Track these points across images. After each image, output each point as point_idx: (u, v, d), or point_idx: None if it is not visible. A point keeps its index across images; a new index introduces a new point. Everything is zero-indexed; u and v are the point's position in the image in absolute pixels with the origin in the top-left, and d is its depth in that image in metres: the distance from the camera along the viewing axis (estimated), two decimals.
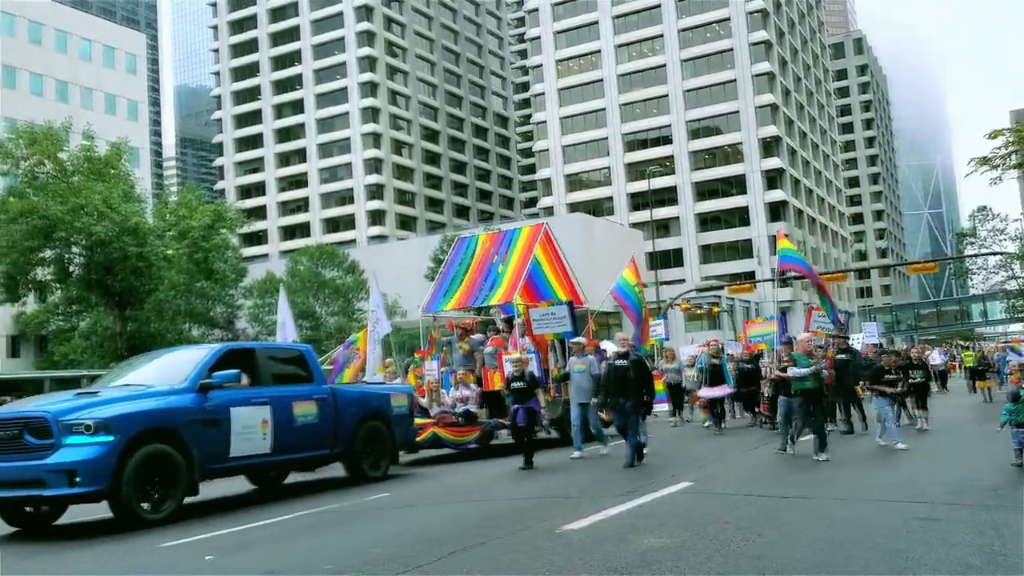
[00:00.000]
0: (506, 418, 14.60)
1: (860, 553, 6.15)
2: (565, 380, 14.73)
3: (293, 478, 13.03)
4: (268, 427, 10.21)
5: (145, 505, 8.86)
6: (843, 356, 15.54)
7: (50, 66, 61.01)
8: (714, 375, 17.89)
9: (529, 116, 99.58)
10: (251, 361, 10.63)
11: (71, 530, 9.48)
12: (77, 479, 8.34)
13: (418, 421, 14.04)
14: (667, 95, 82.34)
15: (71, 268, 37.04)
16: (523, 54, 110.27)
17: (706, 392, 18.02)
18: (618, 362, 11.97)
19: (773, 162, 79.65)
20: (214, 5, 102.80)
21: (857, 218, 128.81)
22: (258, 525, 8.84)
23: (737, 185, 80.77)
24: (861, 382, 15.10)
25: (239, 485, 12.25)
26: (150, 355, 12.49)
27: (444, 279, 18.00)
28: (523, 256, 17.29)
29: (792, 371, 12.07)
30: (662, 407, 21.38)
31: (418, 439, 13.79)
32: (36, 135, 35.57)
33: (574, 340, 14.23)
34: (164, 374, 9.95)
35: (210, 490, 11.81)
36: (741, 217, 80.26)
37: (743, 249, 78.88)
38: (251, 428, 10.03)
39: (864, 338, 25.47)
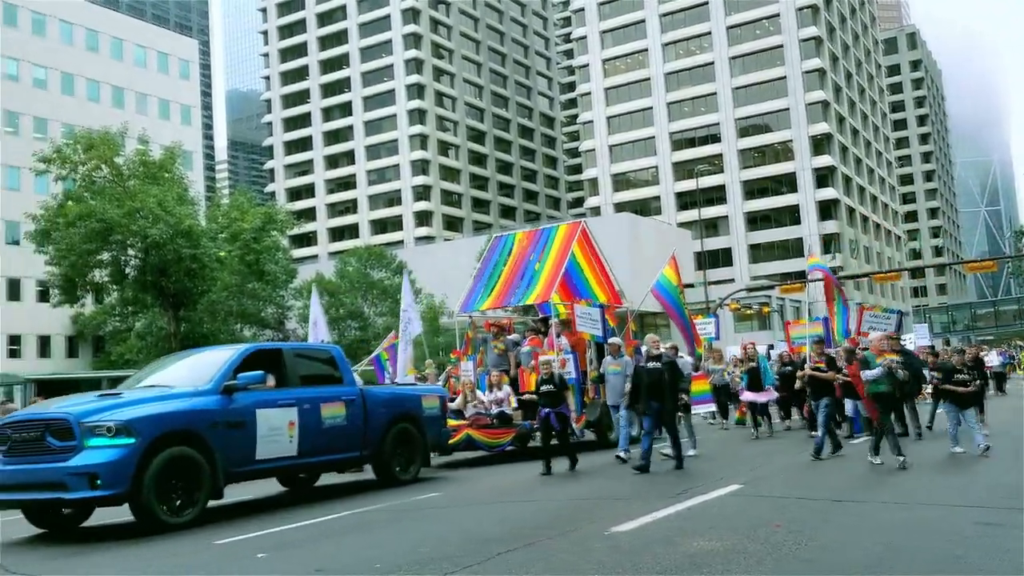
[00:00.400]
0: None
1: (916, 558, 6.02)
2: (602, 382, 14.51)
3: (337, 478, 13.09)
4: (295, 429, 10.06)
5: (166, 508, 8.69)
6: (897, 359, 15.14)
7: (106, 72, 62.44)
8: (752, 378, 17.13)
9: (575, 116, 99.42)
10: (278, 362, 10.47)
11: (125, 528, 9.68)
12: (98, 482, 8.23)
13: (452, 423, 13.88)
14: (715, 93, 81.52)
15: (127, 270, 37.85)
16: (569, 54, 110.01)
17: (748, 396, 17.37)
18: (651, 364, 11.61)
19: (824, 160, 78.38)
20: (264, 11, 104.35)
21: (911, 216, 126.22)
22: (308, 523, 8.95)
23: (787, 183, 79.65)
24: (923, 385, 14.74)
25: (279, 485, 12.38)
26: (177, 356, 12.46)
27: (480, 278, 17.68)
28: (560, 255, 16.92)
29: (866, 374, 11.37)
30: (708, 408, 20.98)
31: (451, 441, 13.62)
32: (93, 140, 36.41)
33: (611, 340, 13.95)
34: (189, 375, 9.84)
35: (255, 489, 11.99)
36: (792, 216, 79.14)
37: (794, 248, 77.71)
38: (277, 430, 9.87)
39: (916, 339, 24.93)
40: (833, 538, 6.75)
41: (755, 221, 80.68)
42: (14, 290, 55.53)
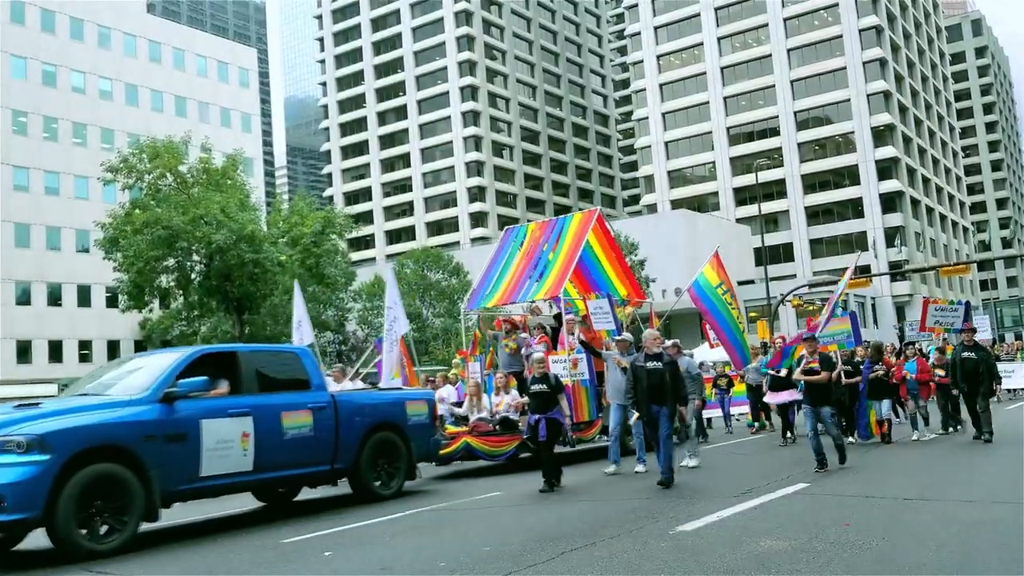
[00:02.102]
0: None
1: (990, 558, 5.84)
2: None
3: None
4: (250, 441, 9.02)
5: (87, 534, 7.69)
6: (970, 354, 13.75)
7: (169, 83, 64.04)
8: (778, 377, 15.32)
9: (630, 113, 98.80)
10: (233, 366, 9.40)
11: (192, 526, 9.88)
12: (4, 504, 7.27)
13: (451, 429, 13.28)
14: (773, 85, 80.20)
15: (192, 275, 38.74)
16: (623, 51, 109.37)
17: (771, 398, 16.00)
18: (650, 364, 10.38)
19: (887, 151, 76.57)
20: (319, 17, 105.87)
21: (978, 207, 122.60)
22: (373, 522, 9.03)
23: (849, 176, 78.00)
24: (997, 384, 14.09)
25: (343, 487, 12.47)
26: (125, 360, 11.45)
27: (489, 273, 16.45)
28: (574, 244, 15.56)
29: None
30: (742, 409, 20.41)
31: (448, 450, 12.80)
32: (158, 149, 37.38)
33: (619, 338, 12.68)
34: (129, 382, 8.93)
35: (324, 489, 12.12)
36: (854, 209, 77.48)
37: (857, 242, 76.06)
38: (228, 443, 8.85)
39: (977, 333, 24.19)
40: (905, 538, 6.58)
41: (816, 215, 79.19)
42: (84, 296, 57.31)
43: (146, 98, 62.62)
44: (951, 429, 15.43)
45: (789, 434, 15.44)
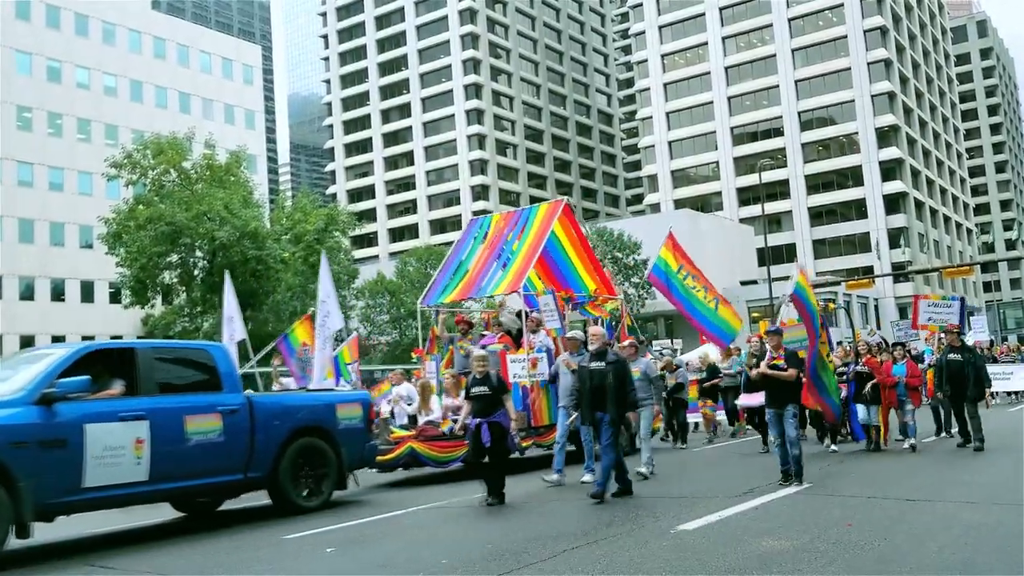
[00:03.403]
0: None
1: (993, 560, 5.84)
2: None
3: (388, 477, 12.71)
4: (145, 448, 8.15)
5: None
6: (956, 356, 13.17)
7: (173, 79, 64.10)
8: (754, 379, 14.04)
9: (634, 112, 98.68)
10: (130, 365, 8.50)
11: (194, 522, 9.89)
12: None
13: (397, 434, 12.53)
14: (777, 86, 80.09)
15: (195, 271, 38.76)
16: (627, 50, 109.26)
17: (744, 400, 15.11)
18: (593, 365, 9.43)
19: (891, 152, 76.46)
20: (324, 15, 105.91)
21: (982, 208, 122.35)
22: (373, 519, 9.05)
23: (853, 177, 77.87)
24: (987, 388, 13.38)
25: (366, 478, 12.47)
26: (9, 357, 10.69)
27: (449, 265, 15.50)
28: (539, 234, 14.50)
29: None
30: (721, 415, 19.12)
31: (392, 455, 11.89)
32: (162, 146, 37.42)
33: (568, 335, 11.56)
34: (6, 381, 8.01)
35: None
36: (858, 210, 77.35)
37: (860, 243, 76.00)
38: (117, 450, 7.95)
39: (973, 334, 23.66)
40: (907, 538, 6.58)
41: (819, 216, 79.08)
42: (87, 292, 57.41)
43: (150, 94, 62.70)
44: (943, 434, 14.99)
45: (767, 441, 14.06)
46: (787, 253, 77.87)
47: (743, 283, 61.46)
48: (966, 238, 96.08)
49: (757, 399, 13.85)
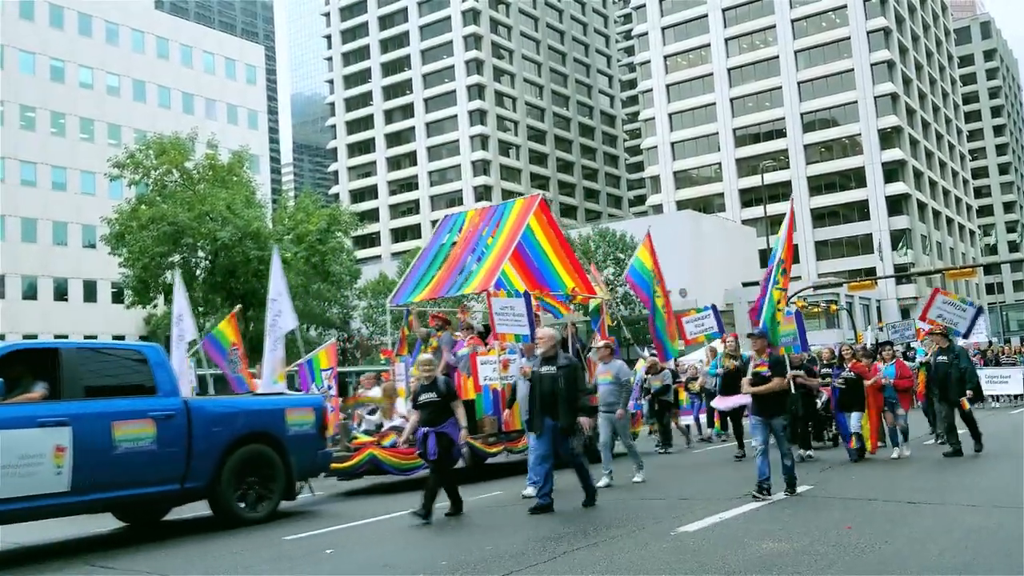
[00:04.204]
0: (479, 434, 12.26)
1: (993, 562, 5.83)
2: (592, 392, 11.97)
3: (385, 479, 12.38)
4: (66, 456, 7.62)
5: None
6: (943, 358, 12.58)
7: (176, 79, 64.19)
8: (728, 381, 13.35)
9: (637, 113, 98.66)
10: (54, 367, 7.98)
11: (192, 524, 9.90)
12: None
13: (360, 439, 11.97)
14: (780, 87, 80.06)
15: (197, 272, 38.77)
16: (630, 51, 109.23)
17: (719, 402, 14.32)
18: (544, 369, 8.88)
19: (894, 153, 76.39)
20: (327, 15, 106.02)
21: (985, 210, 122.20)
22: (375, 520, 9.05)
23: (855, 178, 77.82)
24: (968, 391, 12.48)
25: (357, 482, 12.45)
26: None
27: (420, 264, 14.82)
28: (514, 229, 13.86)
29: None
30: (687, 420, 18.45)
31: (350, 463, 11.33)
32: (164, 146, 37.42)
33: (600, 344, 11.15)
34: None
35: (323, 486, 12.10)
36: (860, 211, 77.29)
37: (862, 244, 75.93)
38: (34, 458, 7.47)
39: (972, 335, 23.00)
40: (908, 541, 6.57)
41: (822, 217, 79.03)
42: (90, 292, 57.48)
43: (153, 94, 62.77)
44: (939, 440, 13.77)
45: (742, 444, 13.52)
46: None
47: (745, 284, 61.40)
48: (969, 240, 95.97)
49: (732, 402, 13.44)
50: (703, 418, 18.27)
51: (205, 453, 8.72)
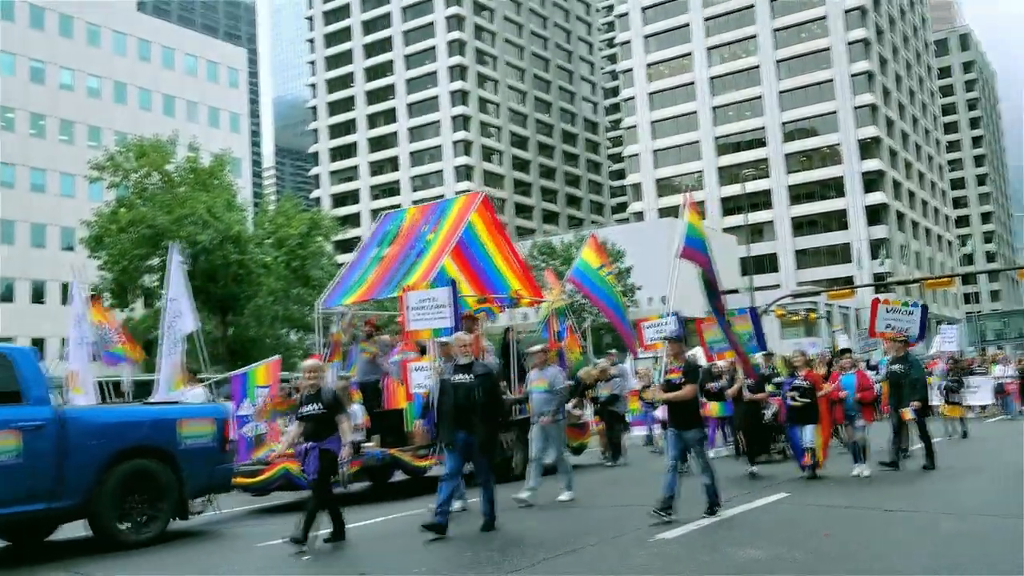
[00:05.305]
0: (409, 446, 11.44)
1: (968, 568, 5.88)
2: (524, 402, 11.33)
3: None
4: None
5: None
6: (897, 367, 12.04)
7: (158, 81, 63.78)
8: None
9: (619, 121, 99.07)
10: None
11: (170, 530, 9.82)
12: None
13: (278, 451, 10.42)
14: (761, 96, 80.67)
15: None
16: (613, 59, 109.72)
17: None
18: (457, 378, 8.16)
19: (872, 164, 77.12)
20: (310, 19, 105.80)
21: (963, 220, 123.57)
22: (353, 527, 8.98)
23: (835, 188, 78.50)
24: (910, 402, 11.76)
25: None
26: None
27: (355, 264, 14.02)
28: (455, 225, 13.09)
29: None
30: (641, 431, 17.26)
31: (262, 477, 10.48)
32: (145, 148, 37.19)
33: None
34: None
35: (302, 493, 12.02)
36: (839, 221, 77.94)
37: (841, 253, 76.58)
38: None
39: (941, 343, 22.78)
40: (884, 548, 6.61)
41: (801, 226, 79.62)
42: (68, 294, 56.94)
43: (134, 96, 62.34)
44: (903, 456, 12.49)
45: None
46: (769, 263, 78.37)
47: (725, 292, 61.72)
48: (947, 250, 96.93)
49: None
50: (657, 429, 16.42)
51: (81, 468, 7.85)
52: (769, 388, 12.42)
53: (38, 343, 55.12)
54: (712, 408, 13.24)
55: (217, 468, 9.08)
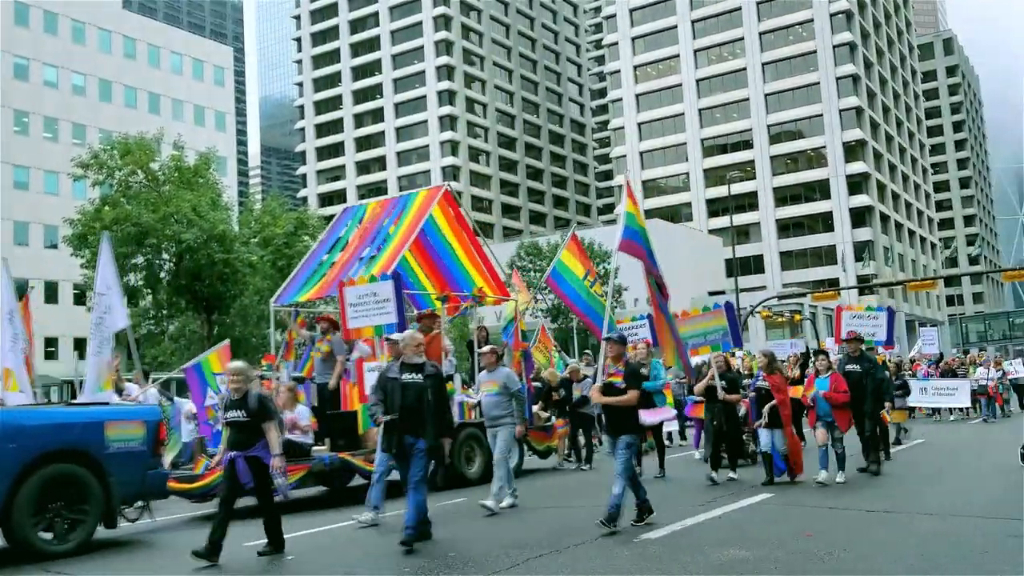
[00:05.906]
0: (362, 450, 10.88)
1: (949, 568, 5.93)
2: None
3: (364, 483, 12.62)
4: None
5: None
6: (854, 367, 11.43)
7: (143, 79, 63.42)
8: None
9: (606, 122, 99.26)
10: None
11: (155, 529, 9.77)
12: None
13: (219, 457, 9.80)
14: (747, 99, 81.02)
15: (161, 274, 38.32)
16: (600, 60, 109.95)
17: (645, 416, 12.31)
18: (406, 377, 7.66)
19: (858, 166, 77.59)
20: (297, 18, 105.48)
21: (947, 223, 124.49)
22: (337, 527, 8.98)
23: (820, 190, 78.93)
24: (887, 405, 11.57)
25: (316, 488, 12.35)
26: None
27: (311, 261, 13.64)
28: (416, 218, 12.66)
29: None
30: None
31: (202, 483, 9.85)
32: (130, 146, 36.97)
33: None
34: None
35: (302, 491, 11.97)
36: (824, 223, 78.39)
37: (826, 255, 77.03)
38: None
39: (922, 346, 22.63)
40: (866, 548, 6.66)
41: (787, 228, 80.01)
42: (51, 293, 56.47)
43: (119, 94, 61.97)
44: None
45: (663, 464, 12.49)
46: (755, 264, 78.71)
47: (711, 293, 61.89)
48: (930, 252, 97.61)
49: (659, 415, 11.53)
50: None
51: None
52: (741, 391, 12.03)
53: None
54: (703, 409, 12.87)
55: (149, 473, 8.59)
